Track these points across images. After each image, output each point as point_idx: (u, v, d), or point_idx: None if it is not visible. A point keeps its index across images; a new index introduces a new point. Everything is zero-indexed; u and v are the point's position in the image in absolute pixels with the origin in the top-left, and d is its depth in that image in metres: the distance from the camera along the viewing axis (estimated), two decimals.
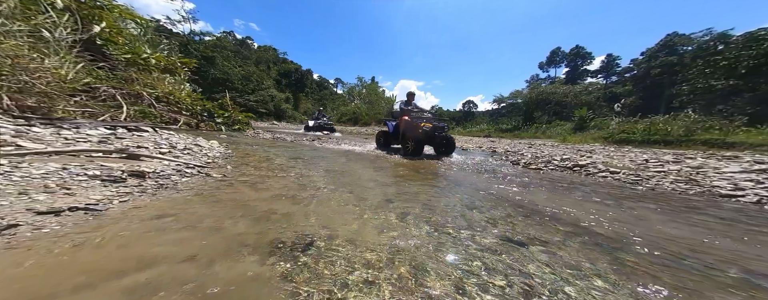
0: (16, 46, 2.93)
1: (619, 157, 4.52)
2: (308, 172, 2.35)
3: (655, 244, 1.16)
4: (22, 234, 0.87)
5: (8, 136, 1.84)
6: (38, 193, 1.12)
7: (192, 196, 1.40)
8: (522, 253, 0.98)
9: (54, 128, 2.28)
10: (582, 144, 9.16)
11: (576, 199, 1.93)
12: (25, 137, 1.90)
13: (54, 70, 3.18)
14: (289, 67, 40.75)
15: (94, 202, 1.16)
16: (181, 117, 5.91)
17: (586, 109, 15.06)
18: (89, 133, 2.41)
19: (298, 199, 1.51)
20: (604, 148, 7.17)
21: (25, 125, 2.14)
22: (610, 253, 1.04)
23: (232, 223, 1.08)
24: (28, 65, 2.89)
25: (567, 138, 11.87)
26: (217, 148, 3.26)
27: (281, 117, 29.30)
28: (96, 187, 1.32)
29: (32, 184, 1.18)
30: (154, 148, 2.47)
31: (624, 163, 3.81)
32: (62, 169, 1.39)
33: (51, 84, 3.00)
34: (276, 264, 0.79)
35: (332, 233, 1.05)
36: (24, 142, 1.80)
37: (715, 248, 1.15)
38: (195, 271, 0.73)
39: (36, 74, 2.89)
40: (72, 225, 0.96)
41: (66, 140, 2.08)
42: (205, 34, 30.61)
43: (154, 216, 1.10)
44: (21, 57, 2.87)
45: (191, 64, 7.81)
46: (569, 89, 21.47)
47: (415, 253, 0.93)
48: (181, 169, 1.94)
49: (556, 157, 4.47)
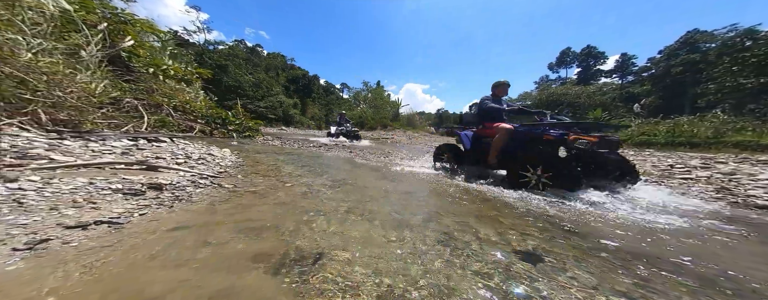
0: (53, 64, 3.17)
1: (639, 162, 4.16)
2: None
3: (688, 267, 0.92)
4: (53, 248, 0.93)
5: (42, 150, 1.98)
6: (67, 208, 1.20)
7: (205, 209, 1.46)
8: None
9: (83, 141, 2.43)
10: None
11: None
12: (58, 150, 2.05)
13: (84, 85, 3.42)
14: (297, 73, 41.86)
15: (117, 215, 1.23)
16: (197, 125, 6.18)
17: (601, 110, 14.47)
18: (114, 145, 2.56)
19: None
20: (623, 151, 6.77)
21: (57, 139, 2.30)
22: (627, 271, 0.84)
23: (237, 237, 1.11)
24: (62, 81, 3.12)
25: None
26: (229, 157, 3.37)
27: (289, 122, 29.99)
28: (118, 200, 1.40)
29: (62, 199, 1.27)
30: (171, 158, 2.60)
31: (645, 169, 3.53)
32: (89, 184, 1.49)
33: (81, 98, 3.23)
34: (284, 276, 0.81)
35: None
36: (56, 156, 1.94)
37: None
38: (200, 281, 0.76)
39: (68, 89, 3.12)
40: (96, 238, 1.02)
41: (93, 152, 2.22)
42: (219, 43, 32.12)
43: (170, 229, 1.15)
44: (56, 74, 3.11)
45: (207, 75, 8.20)
46: (582, 90, 21.31)
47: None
48: (195, 180, 2.02)
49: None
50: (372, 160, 4.43)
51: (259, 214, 1.42)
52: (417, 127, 23.40)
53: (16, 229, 0.99)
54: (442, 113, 56.43)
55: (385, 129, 20.65)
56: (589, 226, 1.42)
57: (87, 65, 3.81)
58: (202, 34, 29.26)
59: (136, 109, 4.46)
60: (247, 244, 1.05)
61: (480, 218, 1.47)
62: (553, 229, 1.33)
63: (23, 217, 1.07)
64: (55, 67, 3.14)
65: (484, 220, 1.43)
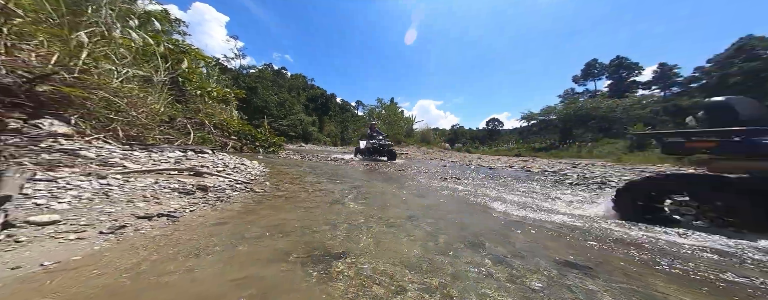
0: (131, 89, 3.88)
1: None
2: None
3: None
4: (127, 233, 1.09)
5: (118, 158, 2.37)
6: (139, 202, 1.42)
7: (241, 208, 1.60)
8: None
9: (147, 152, 2.86)
10: (647, 164, 7.61)
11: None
12: (129, 159, 2.43)
13: (151, 107, 4.09)
14: (316, 92, 45.06)
15: (174, 209, 1.42)
16: (230, 141, 6.85)
17: (644, 125, 13.01)
18: (169, 155, 2.96)
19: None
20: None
21: (129, 150, 2.74)
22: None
23: (267, 233, 1.20)
24: (136, 103, 3.78)
25: (623, 157, 10.05)
26: (258, 167, 3.67)
27: (308, 139, 31.60)
28: (175, 197, 1.60)
29: (136, 194, 1.50)
30: (212, 166, 2.91)
31: None
32: (155, 183, 1.74)
33: (148, 117, 3.84)
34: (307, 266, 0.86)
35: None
36: (128, 164, 2.30)
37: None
38: (239, 265, 0.84)
39: (140, 110, 3.75)
40: (159, 228, 1.18)
41: (154, 161, 2.59)
42: (251, 67, 36.48)
43: (214, 223, 1.29)
44: (132, 97, 3.79)
45: (241, 95, 9.29)
46: (617, 103, 18.54)
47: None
48: (232, 184, 2.24)
49: (611, 178, 3.80)
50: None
51: (285, 214, 1.52)
52: (431, 143, 23.12)
53: (103, 216, 1.20)
54: (458, 129, 55.64)
55: (399, 144, 20.73)
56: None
57: (155, 89, 4.59)
58: (238, 60, 33.87)
59: (185, 126, 5.14)
60: (275, 240, 1.13)
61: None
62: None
63: (108, 206, 1.29)
64: (133, 91, 3.84)
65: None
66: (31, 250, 0.86)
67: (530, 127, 29.74)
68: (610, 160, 10.00)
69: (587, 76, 36.80)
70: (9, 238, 0.89)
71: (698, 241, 1.28)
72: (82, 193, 1.34)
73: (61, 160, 2.03)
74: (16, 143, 2.09)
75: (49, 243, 0.91)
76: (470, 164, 7.68)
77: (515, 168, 6.41)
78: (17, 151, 1.96)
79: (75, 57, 2.98)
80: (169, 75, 5.42)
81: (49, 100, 2.63)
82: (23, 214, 1.03)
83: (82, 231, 1.03)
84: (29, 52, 2.67)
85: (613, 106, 18.28)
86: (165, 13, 8.05)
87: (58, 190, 1.29)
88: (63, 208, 1.17)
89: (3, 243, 0.86)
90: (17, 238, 0.89)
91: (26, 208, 1.10)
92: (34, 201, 1.15)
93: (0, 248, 0.84)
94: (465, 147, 29.58)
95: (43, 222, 1.01)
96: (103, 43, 3.72)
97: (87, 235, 1.01)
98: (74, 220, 1.09)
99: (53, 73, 2.66)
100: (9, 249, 0.84)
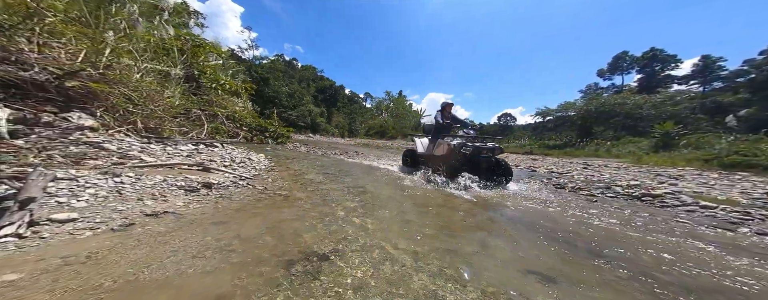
0: (150, 83, 4.06)
1: (723, 187, 3.27)
2: None
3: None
4: (135, 230, 1.21)
5: (136, 151, 2.54)
6: (148, 199, 1.54)
7: (240, 207, 1.70)
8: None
9: (162, 145, 3.04)
10: (666, 166, 6.81)
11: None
12: (146, 152, 2.60)
13: (168, 100, 4.28)
14: (325, 83, 44.87)
15: (179, 207, 1.53)
16: (241, 132, 7.10)
17: (674, 124, 11.31)
18: (182, 149, 3.13)
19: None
20: (700, 173, 5.21)
21: (146, 143, 2.93)
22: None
23: (260, 233, 1.28)
24: (154, 97, 3.97)
25: (643, 158, 9.15)
26: (263, 161, 3.81)
27: (316, 130, 32.01)
28: (181, 195, 1.73)
29: (146, 192, 1.63)
30: (220, 161, 3.06)
31: (729, 195, 2.77)
32: (163, 181, 1.87)
33: (165, 110, 4.04)
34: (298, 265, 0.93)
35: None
36: (145, 157, 2.47)
37: None
38: (238, 259, 0.91)
39: (158, 103, 3.95)
40: (164, 224, 1.29)
41: (168, 154, 2.76)
42: (263, 58, 36.73)
43: (214, 222, 1.39)
44: (151, 91, 3.97)
45: (251, 89, 9.48)
46: (645, 99, 16.66)
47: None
48: (236, 181, 2.36)
49: (619, 182, 3.46)
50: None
51: (281, 215, 1.60)
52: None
53: (115, 213, 1.32)
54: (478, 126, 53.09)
55: (406, 138, 20.44)
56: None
57: (172, 83, 4.77)
58: (251, 51, 34.18)
59: (199, 118, 5.37)
60: (268, 240, 1.21)
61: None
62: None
63: (120, 204, 1.42)
64: (151, 85, 4.02)
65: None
66: (53, 245, 0.98)
67: (545, 123, 27.71)
68: (628, 161, 9.12)
69: (614, 70, 32.93)
70: (34, 235, 1.02)
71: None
72: (99, 191, 1.48)
73: (86, 153, 2.21)
74: (48, 135, 2.29)
75: (68, 239, 1.04)
76: None
77: (521, 167, 6.15)
78: (49, 144, 2.15)
79: (100, 53, 3.14)
80: (185, 70, 5.60)
81: (77, 95, 2.83)
82: (46, 212, 1.16)
83: (96, 228, 1.15)
84: (59, 49, 2.83)
85: (640, 102, 16.42)
86: (184, 5, 8.15)
87: (78, 189, 1.43)
88: (81, 206, 1.31)
89: (30, 239, 0.99)
90: (41, 235, 1.02)
91: (50, 206, 1.24)
92: (57, 199, 1.29)
93: (27, 244, 0.96)
94: None
95: (63, 219, 1.14)
96: (126, 40, 3.86)
97: (100, 232, 1.13)
98: (90, 217, 1.22)
99: (81, 70, 2.83)
100: (34, 245, 0.97)
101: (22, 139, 2.08)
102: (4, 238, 0.95)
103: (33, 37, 2.63)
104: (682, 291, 1.02)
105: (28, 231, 1.01)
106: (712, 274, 1.16)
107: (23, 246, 0.95)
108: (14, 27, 2.47)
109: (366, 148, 11.78)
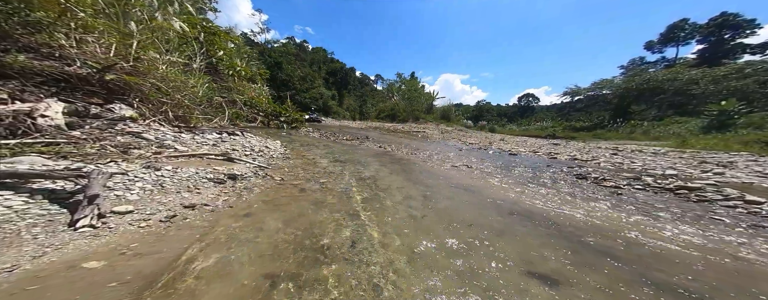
0: (175, 74, 4.18)
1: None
2: None
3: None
4: (177, 222, 1.41)
5: (170, 140, 2.77)
6: (185, 192, 1.75)
7: (260, 199, 1.87)
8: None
9: (192, 134, 3.27)
10: (715, 151, 5.73)
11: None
12: (179, 141, 2.83)
13: (192, 89, 4.43)
14: (336, 66, 43.21)
15: (211, 199, 1.73)
16: (259, 117, 7.33)
17: (737, 101, 9.35)
18: (208, 138, 3.36)
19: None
20: (756, 159, 4.36)
21: (178, 132, 3.16)
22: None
23: (278, 225, 1.44)
24: (180, 87, 4.12)
25: (688, 141, 7.75)
26: (279, 149, 4.00)
27: (328, 113, 31.97)
28: (211, 187, 1.93)
29: (182, 185, 1.83)
30: (241, 150, 3.27)
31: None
32: (196, 173, 2.07)
33: (190, 99, 4.22)
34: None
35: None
36: (178, 146, 2.70)
37: None
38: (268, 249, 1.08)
39: (184, 93, 4.11)
40: (200, 217, 1.49)
41: (197, 143, 2.99)
42: (275, 42, 35.58)
43: (242, 215, 1.57)
44: (176, 81, 4.11)
45: (266, 75, 9.45)
46: (703, 73, 13.60)
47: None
48: (256, 171, 2.55)
49: (654, 171, 2.99)
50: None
51: (297, 209, 1.75)
52: (452, 120, 21.40)
53: (161, 205, 1.53)
54: (483, 105, 48.52)
55: (417, 121, 19.74)
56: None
57: (193, 74, 4.88)
58: (263, 34, 33.09)
59: (220, 105, 5.57)
60: (286, 233, 1.36)
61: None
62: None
63: (163, 197, 1.63)
64: (176, 75, 4.15)
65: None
66: (120, 235, 1.19)
67: (574, 103, 24.62)
68: (670, 144, 7.70)
69: (668, 41, 26.31)
70: (104, 225, 1.23)
71: None
72: (145, 184, 1.69)
73: (130, 143, 2.46)
74: (98, 126, 2.54)
75: (130, 228, 1.25)
76: (489, 147, 6.66)
77: (540, 154, 5.51)
78: (100, 134, 2.41)
79: (129, 46, 3.23)
80: (205, 60, 5.63)
81: (116, 87, 3.02)
82: (109, 205, 1.38)
83: (148, 219, 1.36)
84: (94, 44, 2.94)
85: (697, 76, 13.42)
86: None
87: (129, 183, 1.65)
88: (134, 198, 1.52)
89: (103, 229, 1.21)
90: (109, 225, 1.23)
91: (111, 200, 1.45)
92: (115, 193, 1.51)
93: (102, 234, 1.18)
94: (489, 125, 26.37)
95: (122, 211, 1.35)
96: (148, 31, 3.89)
97: (152, 223, 1.33)
98: (142, 209, 1.43)
99: (115, 63, 2.97)
100: (105, 235, 1.18)
101: (78, 130, 2.34)
102: (82, 229, 1.17)
103: (70, 33, 2.74)
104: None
105: (99, 222, 1.22)
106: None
107: (98, 235, 1.17)
108: (53, 24, 2.57)
109: (377, 132, 11.49)
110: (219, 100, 5.59)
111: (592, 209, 1.99)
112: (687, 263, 1.29)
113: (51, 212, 1.23)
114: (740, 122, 8.63)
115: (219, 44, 6.94)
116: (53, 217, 1.21)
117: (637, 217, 1.84)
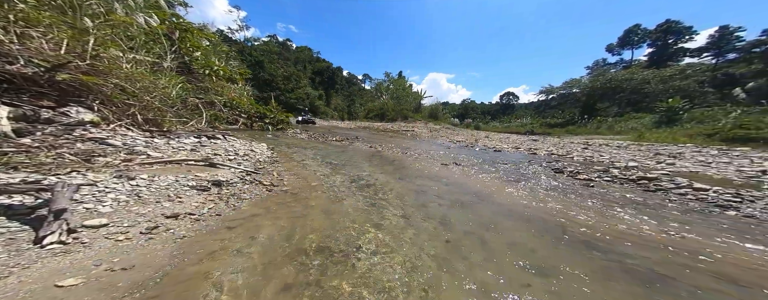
0: (142, 74, 3.82)
1: (720, 166, 3.15)
2: None
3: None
4: (160, 233, 1.34)
5: (141, 146, 2.55)
6: (165, 201, 1.65)
7: (249, 208, 1.83)
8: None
9: (165, 138, 3.03)
10: (666, 143, 6.59)
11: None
12: (151, 147, 2.62)
13: (164, 90, 4.08)
14: (322, 65, 42.19)
15: (195, 208, 1.66)
16: (241, 119, 6.93)
17: (681, 99, 10.88)
18: (185, 142, 3.13)
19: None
20: (700, 150, 4.99)
21: (150, 137, 2.91)
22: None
23: (269, 233, 1.44)
24: (149, 87, 3.78)
25: (644, 135, 8.91)
26: (265, 152, 3.86)
27: (315, 113, 31.06)
28: (194, 195, 1.84)
29: (161, 194, 1.73)
30: (224, 154, 3.11)
31: (725, 175, 2.66)
32: (176, 181, 1.95)
33: (162, 100, 3.88)
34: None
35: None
36: (151, 152, 2.50)
37: None
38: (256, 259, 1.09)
39: (154, 94, 3.77)
40: (186, 227, 1.43)
41: (173, 149, 2.78)
42: (255, 39, 33.63)
43: (227, 227, 1.53)
44: (144, 81, 3.76)
45: (247, 75, 8.94)
46: (653, 74, 16.00)
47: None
48: (243, 176, 2.46)
49: (618, 164, 3.40)
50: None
51: (287, 214, 1.75)
52: (439, 119, 21.91)
53: (139, 217, 1.44)
54: (468, 104, 51.51)
55: (405, 120, 19.99)
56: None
57: (165, 73, 4.48)
58: (242, 31, 31.04)
59: (196, 106, 5.18)
60: (279, 240, 1.37)
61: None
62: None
63: (141, 207, 1.53)
64: (143, 76, 3.79)
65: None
66: (95, 250, 1.11)
67: (549, 101, 26.97)
68: (629, 138, 8.87)
69: (624, 45, 30.56)
70: (76, 241, 1.14)
71: None
72: (119, 195, 1.57)
73: (94, 150, 2.23)
74: (53, 132, 2.26)
75: (106, 243, 1.17)
76: (475, 144, 7.33)
77: (521, 150, 6.13)
78: (55, 141, 2.15)
79: (84, 43, 2.88)
80: (177, 59, 5.19)
81: (70, 88, 2.69)
82: (79, 219, 1.27)
83: (127, 232, 1.28)
84: (40, 39, 2.58)
85: (648, 77, 15.86)
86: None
87: (100, 194, 1.52)
88: (107, 210, 1.41)
89: (75, 245, 1.12)
90: (82, 240, 1.14)
91: (80, 213, 1.33)
92: (84, 206, 1.38)
93: (74, 250, 1.09)
94: (474, 123, 28.00)
95: (96, 225, 1.25)
96: (107, 27, 3.50)
97: (132, 236, 1.26)
98: (118, 222, 1.34)
99: (68, 62, 2.64)
100: (79, 251, 1.09)
101: (28, 138, 2.06)
102: (50, 246, 1.07)
103: (8, 26, 2.38)
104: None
105: (70, 238, 1.13)
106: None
107: (70, 251, 1.08)
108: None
109: (367, 132, 11.53)
110: (195, 102, 5.18)
111: (566, 203, 2.25)
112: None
113: (11, 230, 1.11)
114: (685, 117, 10.07)
115: (192, 41, 6.43)
116: (14, 235, 1.09)
117: (601, 209, 2.08)
